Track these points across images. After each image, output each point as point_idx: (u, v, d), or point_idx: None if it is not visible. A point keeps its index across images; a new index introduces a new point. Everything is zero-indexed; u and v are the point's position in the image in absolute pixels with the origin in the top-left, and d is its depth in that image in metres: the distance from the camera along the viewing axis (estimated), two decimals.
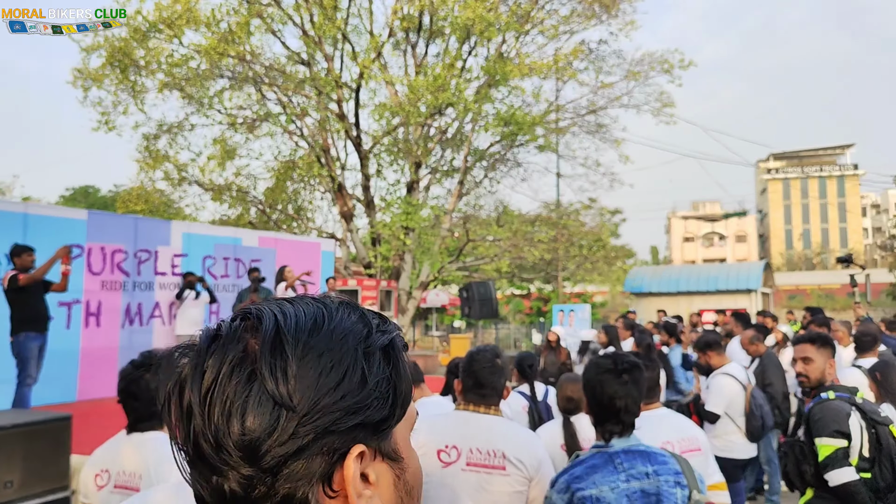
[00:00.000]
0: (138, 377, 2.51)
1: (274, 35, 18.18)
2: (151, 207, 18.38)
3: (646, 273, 23.32)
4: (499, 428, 2.61)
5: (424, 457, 2.56)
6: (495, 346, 2.86)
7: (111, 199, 32.56)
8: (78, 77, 16.23)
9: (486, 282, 14.79)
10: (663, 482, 2.16)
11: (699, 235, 73.11)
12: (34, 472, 4.68)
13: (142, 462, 2.45)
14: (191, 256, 10.88)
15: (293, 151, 20.08)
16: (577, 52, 18.41)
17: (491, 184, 21.18)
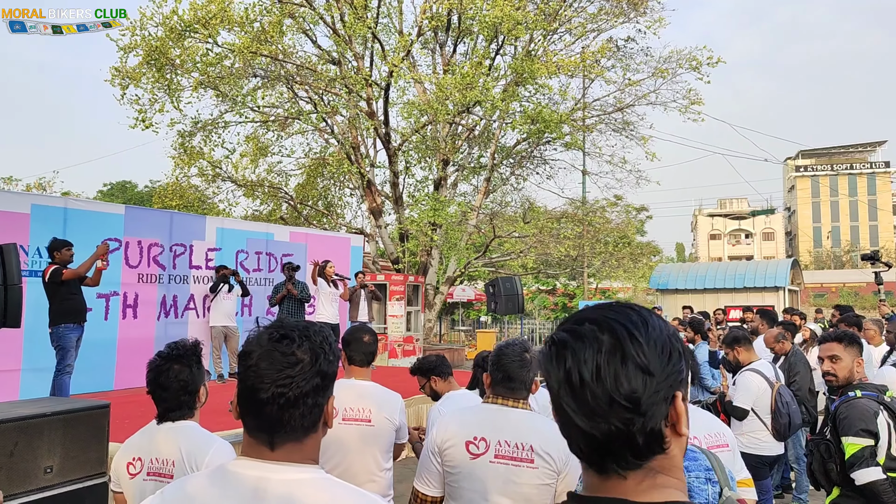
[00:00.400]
0: (166, 368, 2.59)
1: (305, 34, 18.46)
2: (186, 203, 18.75)
3: (671, 269, 23.22)
4: (527, 421, 2.62)
5: (453, 448, 2.62)
6: (524, 340, 2.86)
7: (147, 194, 33.16)
8: (116, 76, 16.59)
9: (512, 277, 14.91)
10: (693, 478, 2.11)
11: (725, 233, 72.31)
12: (73, 458, 4.84)
13: (174, 450, 2.53)
14: (224, 251, 11.11)
15: (324, 149, 20.39)
16: (604, 50, 18.40)
17: (517, 181, 21.29)
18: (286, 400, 1.29)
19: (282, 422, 1.30)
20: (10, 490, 4.10)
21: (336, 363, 1.38)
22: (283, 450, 1.31)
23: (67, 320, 7.32)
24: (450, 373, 4.17)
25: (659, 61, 19.18)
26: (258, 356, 1.32)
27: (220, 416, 7.07)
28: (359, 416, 3.26)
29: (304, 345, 1.32)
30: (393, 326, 15.75)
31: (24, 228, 8.42)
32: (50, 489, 4.65)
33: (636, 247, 23.47)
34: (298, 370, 1.30)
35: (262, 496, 1.27)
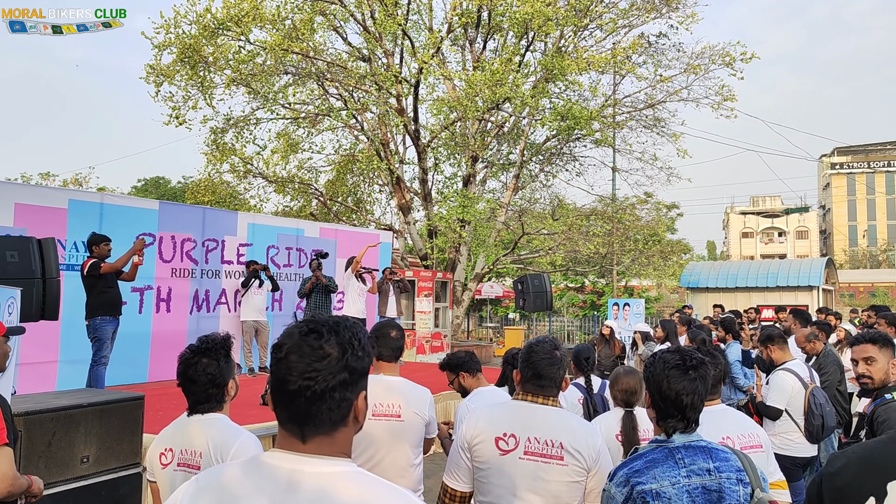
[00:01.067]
0: (195, 361, 2.62)
1: (336, 32, 18.56)
2: (218, 198, 19.00)
3: (703, 267, 22.93)
4: (557, 418, 2.61)
5: (482, 444, 2.63)
6: (554, 338, 2.85)
7: (180, 189, 33.61)
8: (150, 73, 16.84)
9: (541, 274, 14.85)
10: (725, 479, 2.12)
11: (758, 231, 71.21)
12: (108, 448, 4.93)
13: (202, 442, 2.57)
14: (255, 246, 11.23)
15: (353, 145, 20.49)
16: (635, 46, 18.20)
17: (546, 178, 21.20)
18: (313, 393, 1.31)
19: (310, 415, 1.33)
20: (49, 479, 4.19)
21: (366, 359, 1.39)
22: (314, 442, 1.33)
23: (103, 313, 7.46)
24: (479, 369, 4.17)
25: (691, 57, 18.94)
26: (288, 349, 1.34)
27: (251, 409, 7.17)
28: (388, 412, 3.27)
29: (331, 339, 1.34)
30: (421, 323, 15.79)
31: (61, 223, 8.60)
32: (86, 479, 4.75)
33: (666, 244, 23.22)
34: (325, 364, 1.32)
35: (296, 488, 1.29)
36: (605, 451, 2.64)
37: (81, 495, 4.68)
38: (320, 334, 1.34)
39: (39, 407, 4.51)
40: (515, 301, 14.57)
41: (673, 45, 19.24)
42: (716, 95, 19.10)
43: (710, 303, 18.80)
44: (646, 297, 24.27)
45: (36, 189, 10.37)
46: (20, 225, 8.03)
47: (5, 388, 4.06)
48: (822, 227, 71.76)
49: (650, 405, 2.33)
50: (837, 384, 6.16)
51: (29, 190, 9.74)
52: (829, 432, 5.18)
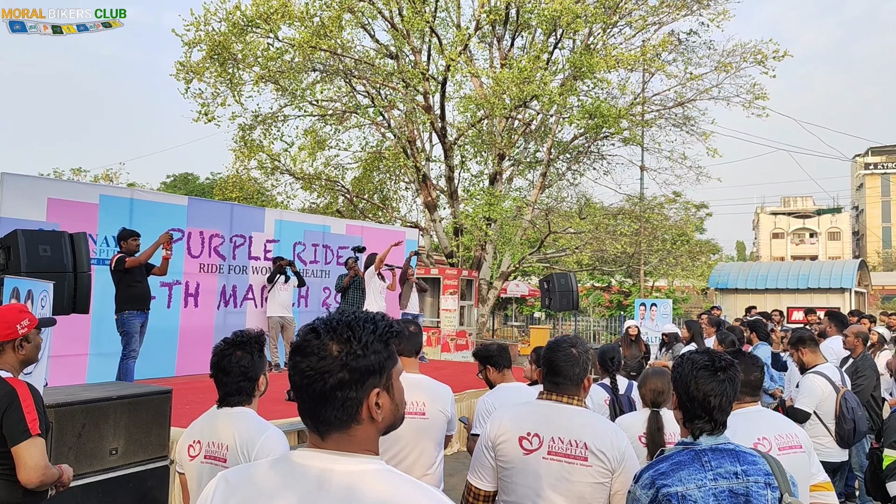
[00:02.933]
0: (229, 353, 2.67)
1: (364, 29, 18.60)
2: (246, 195, 19.17)
3: (732, 268, 22.64)
4: (581, 419, 2.61)
5: (506, 443, 2.62)
6: (574, 336, 2.83)
7: (209, 186, 34.00)
8: (181, 70, 17.02)
9: (567, 273, 14.75)
10: (752, 483, 2.11)
11: (789, 231, 70.12)
12: (137, 441, 4.99)
13: (229, 435, 2.60)
14: (282, 242, 11.31)
15: (380, 142, 20.54)
16: (665, 44, 17.99)
17: (574, 176, 21.05)
18: (314, 392, 1.32)
19: (315, 413, 1.34)
20: (78, 470, 4.25)
21: (371, 357, 1.35)
22: (333, 440, 1.34)
23: (131, 307, 7.55)
24: (507, 365, 4.16)
25: (722, 55, 18.66)
26: (293, 348, 1.37)
27: (276, 404, 7.21)
28: (413, 409, 3.27)
29: (328, 338, 1.34)
30: (446, 321, 15.79)
31: (92, 218, 8.73)
32: (115, 470, 4.81)
33: (695, 245, 22.95)
34: (323, 364, 1.32)
35: (326, 487, 1.30)
36: (631, 452, 2.62)
37: (110, 487, 4.75)
38: (318, 333, 1.35)
39: (70, 399, 4.58)
40: (541, 300, 14.50)
41: (703, 42, 18.97)
42: (747, 94, 18.81)
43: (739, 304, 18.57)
44: (673, 298, 24.01)
45: (68, 184, 10.54)
46: (52, 220, 8.17)
47: (37, 380, 4.13)
48: (854, 229, 70.45)
49: (677, 406, 2.32)
50: (872, 389, 6.05)
51: (61, 185, 9.90)
52: (861, 437, 5.09)
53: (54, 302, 5.10)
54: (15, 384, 2.85)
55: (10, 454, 2.77)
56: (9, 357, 2.95)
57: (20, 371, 3.03)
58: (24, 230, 5.53)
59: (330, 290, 12.09)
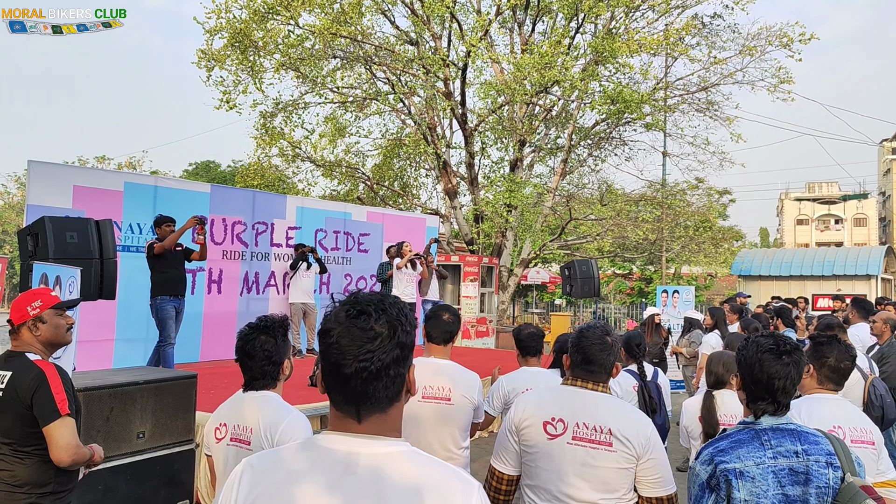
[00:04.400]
0: (254, 337, 2.71)
1: (384, 15, 18.55)
2: (267, 182, 19.26)
3: (755, 255, 22.41)
4: (606, 404, 2.61)
5: (530, 428, 2.63)
6: (605, 324, 2.83)
7: (230, 173, 34.21)
8: (202, 58, 17.09)
9: (589, 260, 14.66)
10: (813, 462, 2.13)
11: (814, 218, 69.12)
12: (163, 424, 5.06)
13: (254, 418, 2.64)
14: (304, 229, 11.35)
15: (400, 129, 20.51)
16: (689, 27, 17.74)
17: (595, 162, 20.90)
18: (369, 373, 1.32)
19: (367, 394, 1.34)
20: (107, 452, 4.31)
21: (413, 333, 1.41)
22: (369, 421, 1.35)
23: (163, 292, 7.58)
24: (531, 354, 4.15)
25: (747, 38, 18.37)
26: (338, 333, 1.35)
27: (299, 390, 7.27)
28: (438, 395, 3.28)
29: (381, 318, 1.35)
30: (466, 307, 15.79)
31: (117, 205, 8.82)
32: (142, 453, 4.89)
33: (718, 231, 22.72)
34: (378, 344, 1.33)
35: (353, 470, 1.31)
36: (657, 438, 2.61)
37: (137, 469, 4.83)
38: (369, 315, 1.35)
39: (98, 383, 4.65)
40: (562, 287, 14.44)
41: (728, 25, 18.69)
42: (772, 78, 18.52)
43: (762, 291, 18.40)
44: (696, 285, 23.81)
45: (93, 172, 10.65)
46: (78, 207, 8.26)
47: (66, 365, 4.19)
48: (881, 215, 69.28)
49: (740, 387, 2.36)
50: None
51: (87, 173, 10.01)
52: (889, 424, 5.04)
53: (81, 288, 5.17)
54: (43, 366, 2.90)
55: (43, 435, 2.82)
56: (27, 338, 2.98)
57: (49, 354, 3.07)
58: (51, 217, 5.60)
59: (351, 277, 12.15)
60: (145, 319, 9.02)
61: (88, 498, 4.42)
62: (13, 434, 2.84)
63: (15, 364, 2.90)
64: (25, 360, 2.91)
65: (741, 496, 2.11)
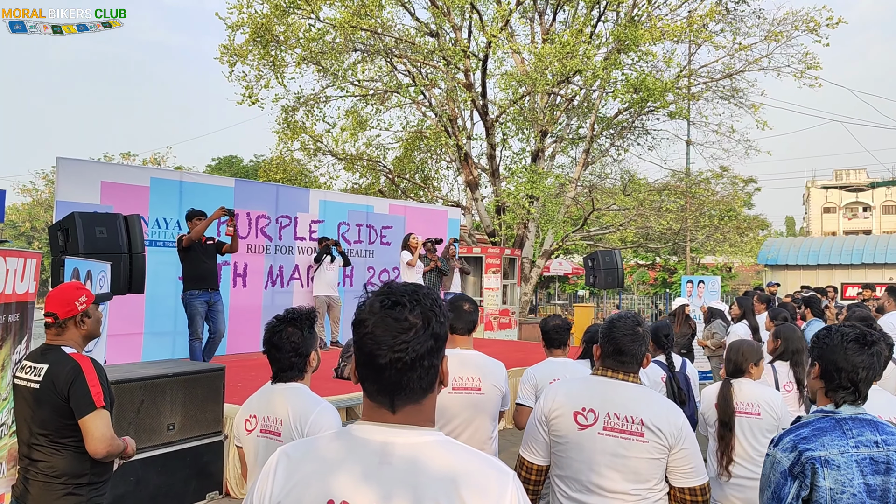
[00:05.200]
0: (281, 330, 2.73)
1: (404, 7, 18.50)
2: (289, 176, 19.35)
3: (782, 244, 22.14)
4: (637, 395, 2.61)
5: (560, 418, 2.62)
6: (636, 314, 2.82)
7: (253, 168, 34.43)
8: (225, 53, 17.19)
9: (612, 251, 14.57)
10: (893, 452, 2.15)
11: (841, 206, 68.03)
12: (192, 416, 5.13)
13: (283, 409, 2.66)
14: (327, 222, 11.40)
15: (421, 121, 20.48)
16: (712, 14, 17.49)
17: (617, 152, 20.74)
18: (403, 364, 1.33)
19: (401, 385, 1.35)
20: (138, 444, 4.36)
21: (447, 324, 1.42)
22: (404, 412, 1.36)
23: (192, 286, 7.58)
24: (557, 346, 4.14)
25: (772, 24, 18.08)
26: (373, 324, 1.35)
27: (325, 381, 7.32)
28: (468, 385, 3.28)
29: (415, 309, 1.35)
30: (489, 299, 15.77)
31: (144, 200, 8.92)
32: (172, 445, 4.95)
33: (743, 220, 22.46)
34: (413, 335, 1.34)
35: (388, 459, 1.32)
36: (689, 429, 2.60)
37: (168, 461, 4.90)
38: (403, 305, 1.35)
39: (129, 376, 4.72)
40: (585, 278, 14.38)
41: (753, 11, 18.38)
42: (798, 63, 18.23)
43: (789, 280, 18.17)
44: (721, 276, 23.58)
45: (120, 168, 10.77)
46: (106, 202, 8.35)
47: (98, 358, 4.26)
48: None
49: (818, 376, 2.35)
50: None
51: (114, 169, 10.13)
52: None
53: (111, 282, 5.24)
54: (79, 359, 2.95)
55: (79, 427, 2.87)
56: (72, 333, 3.05)
57: (83, 347, 3.13)
58: (80, 213, 5.68)
59: (374, 270, 12.19)
60: (173, 313, 9.13)
61: (121, 489, 4.49)
62: (50, 426, 2.90)
63: (52, 357, 2.96)
64: (62, 353, 2.97)
65: (826, 484, 2.12)
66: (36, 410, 2.92)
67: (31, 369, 2.96)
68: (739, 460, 3.77)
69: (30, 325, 3.96)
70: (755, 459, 3.73)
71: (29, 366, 2.99)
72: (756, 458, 3.73)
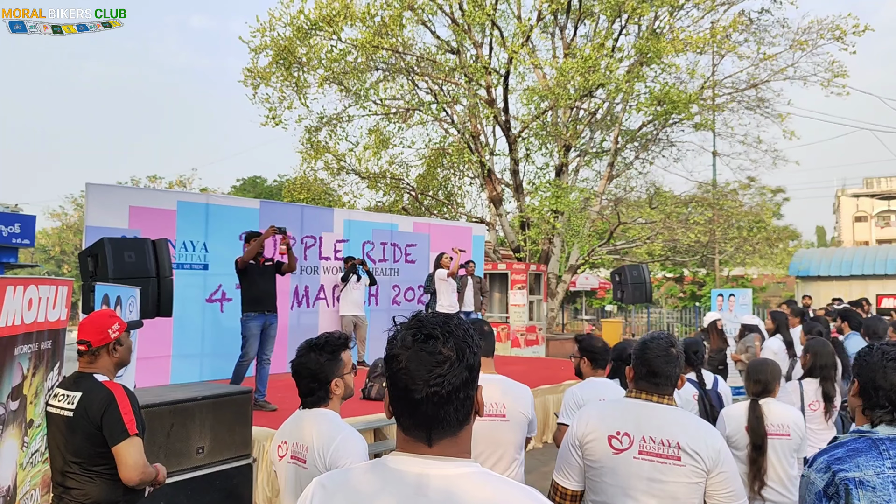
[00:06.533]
0: (302, 356, 2.73)
1: (424, 26, 18.64)
2: (313, 195, 19.49)
3: (813, 255, 21.75)
4: (673, 417, 2.55)
5: (595, 442, 2.57)
6: (670, 334, 2.76)
7: (277, 188, 34.74)
8: (248, 76, 17.45)
9: (640, 265, 14.42)
10: None
11: (873, 214, 66.81)
12: (221, 439, 5.10)
13: (309, 436, 2.65)
14: (351, 242, 11.42)
15: (443, 138, 20.56)
16: (736, 24, 17.36)
17: (642, 165, 20.60)
18: (440, 398, 1.32)
19: (438, 419, 1.33)
20: (168, 468, 4.36)
21: (479, 354, 1.41)
22: (440, 445, 1.34)
23: (248, 309, 7.39)
24: (602, 366, 4.10)
25: (797, 32, 17.89)
26: (406, 359, 1.34)
27: (351, 402, 7.28)
28: (493, 411, 3.21)
29: (449, 341, 1.34)
30: (515, 316, 15.69)
31: (171, 224, 9.00)
32: (202, 468, 4.94)
33: (772, 231, 22.14)
34: (448, 368, 1.32)
35: (424, 492, 1.30)
36: (727, 451, 2.53)
37: (198, 485, 4.88)
38: (436, 338, 1.34)
39: (159, 400, 4.72)
40: (613, 293, 14.23)
41: (777, 20, 18.24)
42: (825, 72, 18.00)
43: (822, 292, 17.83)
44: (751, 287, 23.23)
45: (147, 192, 10.93)
46: (134, 226, 8.45)
47: (127, 383, 4.28)
48: None
49: (857, 393, 2.30)
50: None
51: (141, 193, 10.28)
52: None
53: (140, 306, 5.28)
54: (112, 387, 2.96)
55: (111, 454, 2.88)
56: (104, 361, 3.07)
57: (115, 374, 3.14)
58: (110, 238, 5.74)
59: (399, 288, 12.18)
60: (200, 335, 9.19)
61: None
62: (83, 453, 2.91)
63: (84, 385, 2.98)
64: (94, 381, 2.98)
65: None
66: (69, 438, 2.93)
67: (64, 397, 2.98)
68: (771, 483, 3.67)
69: (62, 351, 3.99)
70: (786, 482, 3.65)
71: (62, 394, 3.01)
72: (786, 481, 3.65)
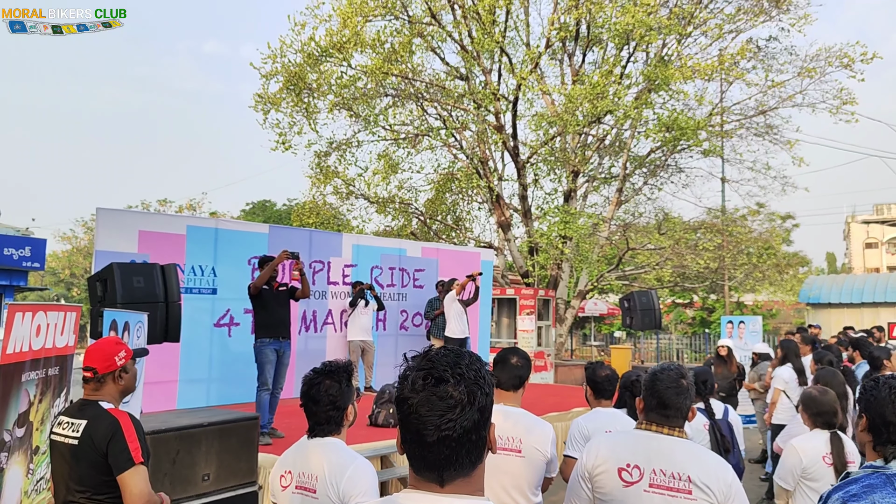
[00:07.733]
0: (318, 382, 2.69)
1: (434, 52, 18.80)
2: (322, 220, 19.54)
3: (824, 282, 21.61)
4: (684, 450, 2.52)
5: (604, 474, 2.54)
6: (680, 366, 2.75)
7: (286, 212, 34.88)
8: (259, 102, 17.61)
9: (649, 291, 14.34)
10: None
11: (883, 241, 66.47)
12: (227, 466, 5.05)
13: (319, 465, 2.61)
14: (360, 266, 11.42)
15: (452, 164, 20.63)
16: (744, 52, 17.44)
17: (651, 191, 20.60)
18: (451, 440, 1.31)
19: (450, 461, 1.33)
20: (174, 496, 4.34)
21: (492, 394, 1.40)
22: (453, 485, 1.34)
23: (263, 334, 7.30)
24: (607, 396, 4.03)
25: (805, 60, 17.94)
26: (417, 403, 1.33)
27: (359, 429, 7.25)
28: (507, 446, 3.14)
29: (460, 384, 1.34)
30: (523, 341, 15.61)
31: (180, 248, 9.03)
32: (208, 496, 4.89)
33: (782, 257, 22.03)
34: (459, 412, 1.32)
35: None
36: (738, 485, 2.50)
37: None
38: (447, 381, 1.33)
39: (164, 426, 4.70)
40: (622, 319, 14.15)
41: (785, 48, 18.31)
42: (834, 99, 18.02)
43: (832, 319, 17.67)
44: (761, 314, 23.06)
45: (157, 217, 10.98)
46: (143, 251, 8.48)
47: (133, 409, 4.25)
48: None
49: (866, 429, 2.27)
50: None
51: (151, 218, 10.33)
52: None
53: (148, 331, 5.28)
54: (117, 415, 2.94)
55: (116, 483, 2.86)
56: (110, 388, 3.05)
57: (120, 401, 3.12)
58: (119, 263, 5.76)
59: (407, 314, 12.14)
60: (207, 360, 9.17)
61: None
62: (87, 482, 2.88)
63: (90, 412, 2.96)
64: (99, 408, 2.96)
65: None
66: (74, 467, 2.90)
67: (68, 425, 2.96)
68: None
69: (69, 377, 3.98)
70: None
71: (66, 421, 2.99)
72: None
